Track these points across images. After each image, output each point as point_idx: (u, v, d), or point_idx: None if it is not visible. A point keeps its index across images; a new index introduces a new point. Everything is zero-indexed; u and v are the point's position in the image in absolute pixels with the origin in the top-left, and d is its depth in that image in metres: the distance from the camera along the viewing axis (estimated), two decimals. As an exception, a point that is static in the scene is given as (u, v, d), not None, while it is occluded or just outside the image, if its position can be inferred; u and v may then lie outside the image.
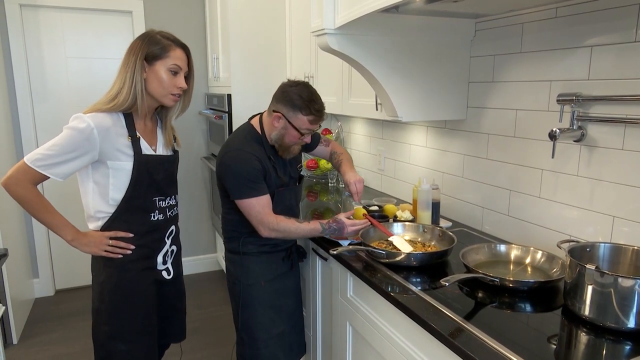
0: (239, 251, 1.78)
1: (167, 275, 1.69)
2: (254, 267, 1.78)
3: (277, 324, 1.81)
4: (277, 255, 1.82)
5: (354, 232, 1.70)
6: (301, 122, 1.63)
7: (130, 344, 1.58)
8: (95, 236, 1.52)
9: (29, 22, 3.24)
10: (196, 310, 3.26)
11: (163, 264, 1.67)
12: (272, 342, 1.80)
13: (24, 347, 2.81)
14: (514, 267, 1.47)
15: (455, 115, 1.93)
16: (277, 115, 1.64)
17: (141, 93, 1.47)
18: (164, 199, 1.61)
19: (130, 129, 1.50)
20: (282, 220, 1.66)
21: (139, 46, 1.47)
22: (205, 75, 3.73)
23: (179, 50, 1.51)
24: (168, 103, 1.54)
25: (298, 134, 1.65)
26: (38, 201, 1.46)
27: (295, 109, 1.61)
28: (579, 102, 1.43)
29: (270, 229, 1.65)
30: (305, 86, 1.64)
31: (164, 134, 1.63)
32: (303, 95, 1.61)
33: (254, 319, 1.78)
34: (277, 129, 1.66)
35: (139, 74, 1.46)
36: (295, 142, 1.70)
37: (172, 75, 1.50)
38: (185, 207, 3.83)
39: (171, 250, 1.71)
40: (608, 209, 1.42)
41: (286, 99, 1.62)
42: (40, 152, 1.41)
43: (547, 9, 1.55)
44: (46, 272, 3.51)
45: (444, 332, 1.12)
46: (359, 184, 1.82)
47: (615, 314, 1.07)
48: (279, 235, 1.67)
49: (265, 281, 1.78)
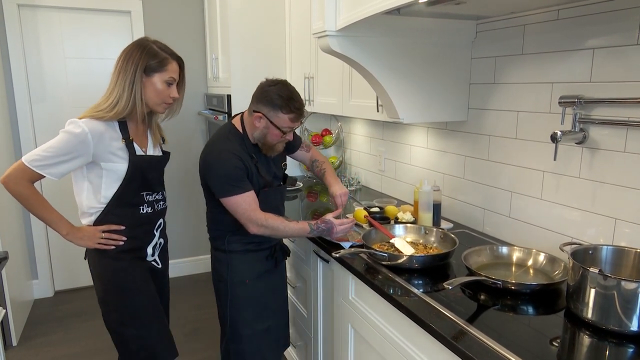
0: (224, 249, 1.80)
1: (157, 265, 1.77)
2: (238, 265, 1.80)
3: (262, 320, 1.84)
4: (261, 254, 1.83)
5: (343, 231, 1.72)
6: (282, 120, 1.65)
7: (141, 329, 1.66)
8: (88, 230, 1.60)
9: (27, 22, 3.22)
10: (196, 311, 3.26)
11: (152, 255, 1.75)
12: (257, 338, 1.83)
13: (23, 348, 2.81)
14: (516, 269, 1.48)
15: (457, 116, 1.94)
16: (258, 115, 1.65)
17: (141, 102, 1.56)
18: (151, 193, 1.70)
19: (123, 132, 1.59)
20: (271, 217, 1.67)
21: (138, 57, 1.54)
22: (205, 76, 3.72)
23: (175, 64, 1.62)
24: (160, 111, 1.66)
25: (280, 133, 1.67)
26: (35, 198, 1.55)
27: (276, 108, 1.63)
28: (581, 104, 1.43)
29: (259, 225, 1.65)
30: (284, 85, 1.66)
31: (152, 136, 1.72)
32: (282, 94, 1.62)
33: (239, 315, 1.81)
34: (259, 129, 1.68)
35: (138, 84, 1.55)
36: (278, 140, 1.71)
37: (167, 87, 1.61)
38: (183, 207, 3.82)
39: (159, 242, 1.79)
40: (610, 211, 1.42)
41: (266, 98, 1.64)
42: (37, 153, 1.50)
43: (549, 11, 1.55)
44: (45, 273, 3.50)
45: (446, 335, 1.12)
46: (344, 197, 1.86)
47: (618, 316, 1.07)
48: (267, 232, 1.67)
49: (250, 279, 1.81)
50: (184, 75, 1.69)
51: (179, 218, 3.81)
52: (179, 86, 1.67)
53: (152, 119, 1.72)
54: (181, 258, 3.87)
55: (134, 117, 1.61)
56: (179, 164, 3.69)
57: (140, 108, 1.57)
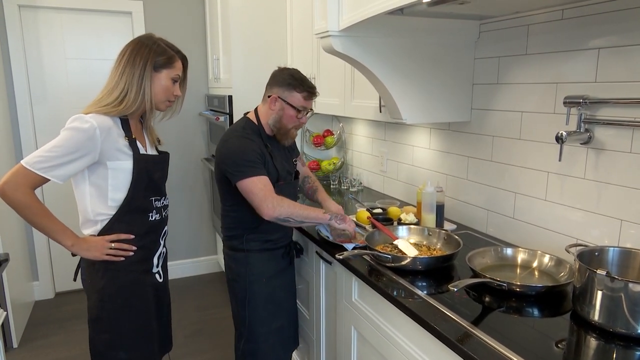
0: (242, 248, 1.81)
1: (159, 279, 1.68)
2: (256, 264, 1.82)
3: (276, 318, 1.86)
4: (278, 252, 1.86)
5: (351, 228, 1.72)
6: (296, 99, 1.72)
7: (131, 352, 1.56)
8: (95, 241, 1.49)
9: (28, 22, 3.22)
10: (198, 313, 3.25)
11: (157, 266, 1.67)
12: (271, 336, 1.86)
13: (24, 350, 2.80)
14: (520, 271, 1.46)
15: (460, 117, 1.93)
16: (273, 97, 1.73)
17: (149, 97, 1.51)
18: (159, 198, 1.63)
19: (126, 130, 1.51)
20: (286, 200, 1.66)
21: (147, 52, 1.49)
22: (206, 77, 3.71)
23: (180, 62, 1.60)
24: (162, 108, 1.61)
25: (295, 113, 1.74)
26: (37, 207, 1.41)
27: (290, 88, 1.72)
28: (586, 104, 1.42)
29: (274, 206, 1.61)
30: (295, 69, 1.77)
31: (148, 135, 1.67)
32: (295, 75, 1.74)
33: (256, 314, 1.83)
34: (274, 112, 1.75)
35: (148, 79, 1.49)
36: (293, 124, 1.77)
37: (172, 84, 1.57)
38: (185, 209, 3.81)
39: (163, 252, 1.71)
40: (615, 212, 1.41)
41: (280, 80, 1.73)
42: (40, 154, 1.38)
43: (553, 11, 1.54)
44: (46, 274, 3.49)
45: (451, 337, 1.11)
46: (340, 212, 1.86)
47: (626, 319, 1.06)
48: (283, 213, 1.62)
49: (267, 277, 1.83)
50: (187, 74, 1.67)
51: (180, 219, 3.80)
52: (181, 84, 1.64)
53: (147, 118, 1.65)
54: (182, 259, 3.86)
55: (135, 114, 1.54)
56: (180, 164, 3.68)
57: (149, 104, 1.52)
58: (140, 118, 1.63)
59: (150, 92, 1.51)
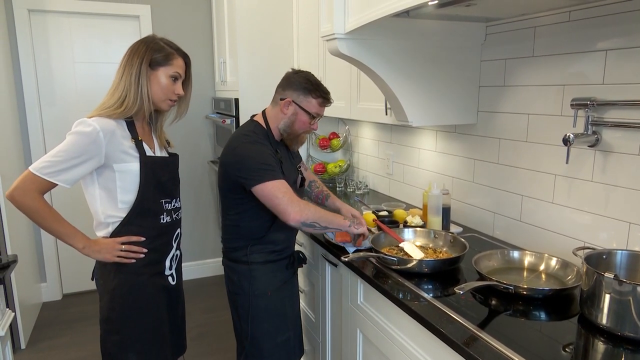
0: (245, 261, 1.72)
1: (172, 281, 1.67)
2: (260, 277, 1.73)
3: (282, 331, 1.78)
4: (282, 263, 1.78)
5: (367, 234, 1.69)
6: (311, 105, 1.67)
7: (142, 354, 1.56)
8: (106, 243, 1.50)
9: (38, 26, 3.25)
10: (203, 315, 3.26)
11: (169, 268, 1.65)
12: (277, 350, 1.78)
13: (32, 351, 2.82)
14: (527, 274, 1.45)
15: (466, 119, 1.92)
16: (287, 101, 1.66)
17: (147, 97, 1.49)
18: (169, 201, 1.61)
19: (132, 132, 1.51)
20: (311, 204, 1.62)
21: (144, 51, 1.48)
22: (212, 79, 3.73)
23: (181, 60, 1.56)
24: (164, 108, 1.58)
25: (308, 119, 1.68)
26: (47, 211, 1.44)
27: (306, 92, 1.66)
28: (594, 106, 1.41)
29: (302, 209, 1.55)
30: (309, 72, 1.71)
31: (157, 137, 1.65)
32: (311, 79, 1.68)
33: (261, 328, 1.74)
34: (286, 116, 1.68)
35: (144, 78, 1.48)
36: (304, 129, 1.71)
37: (172, 82, 1.54)
38: (191, 211, 3.83)
39: (176, 255, 1.70)
40: (623, 214, 1.40)
41: (295, 84, 1.66)
42: (47, 159, 1.40)
43: (560, 13, 1.53)
44: (54, 276, 3.51)
45: (457, 340, 1.11)
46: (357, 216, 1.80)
47: (634, 323, 1.05)
48: (309, 218, 1.56)
49: (271, 290, 1.74)
50: (190, 73, 1.62)
51: (186, 222, 3.81)
52: (185, 84, 1.61)
53: (157, 121, 1.65)
54: (188, 262, 3.87)
55: (140, 116, 1.53)
56: (187, 167, 3.70)
57: (148, 104, 1.49)
58: (149, 120, 1.63)
59: (148, 90, 1.49)
